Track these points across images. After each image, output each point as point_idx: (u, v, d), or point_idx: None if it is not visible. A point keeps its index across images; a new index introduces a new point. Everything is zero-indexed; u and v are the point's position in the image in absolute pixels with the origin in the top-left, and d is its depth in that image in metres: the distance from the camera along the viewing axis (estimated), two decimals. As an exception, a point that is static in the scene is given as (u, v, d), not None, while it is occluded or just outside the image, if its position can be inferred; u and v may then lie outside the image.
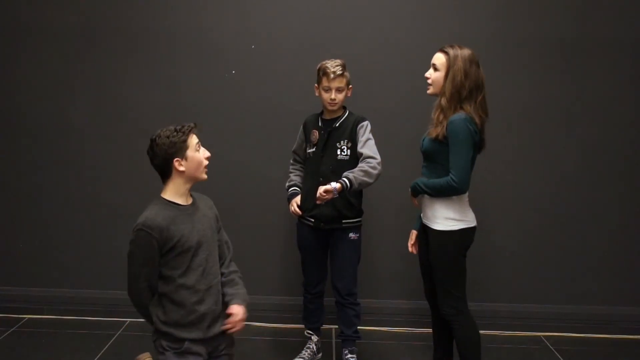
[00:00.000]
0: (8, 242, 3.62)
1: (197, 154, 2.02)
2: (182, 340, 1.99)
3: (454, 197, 2.51)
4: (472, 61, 2.49)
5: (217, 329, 2.06)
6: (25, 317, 3.59)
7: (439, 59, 2.54)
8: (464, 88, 2.47)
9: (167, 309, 2.00)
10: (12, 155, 3.58)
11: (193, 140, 2.01)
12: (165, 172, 2.02)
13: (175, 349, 1.99)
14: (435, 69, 2.55)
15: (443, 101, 2.50)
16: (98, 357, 3.10)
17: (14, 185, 3.59)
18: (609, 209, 3.46)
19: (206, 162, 2.05)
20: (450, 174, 2.46)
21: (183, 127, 2.00)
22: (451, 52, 2.50)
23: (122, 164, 3.53)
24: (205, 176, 2.07)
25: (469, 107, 2.48)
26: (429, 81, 2.58)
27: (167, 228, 1.96)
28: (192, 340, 2.00)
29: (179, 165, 1.98)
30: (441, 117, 2.49)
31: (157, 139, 1.99)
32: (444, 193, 2.49)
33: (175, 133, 1.98)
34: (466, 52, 2.50)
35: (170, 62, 3.48)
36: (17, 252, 3.62)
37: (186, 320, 1.99)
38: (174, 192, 2.03)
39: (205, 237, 2.05)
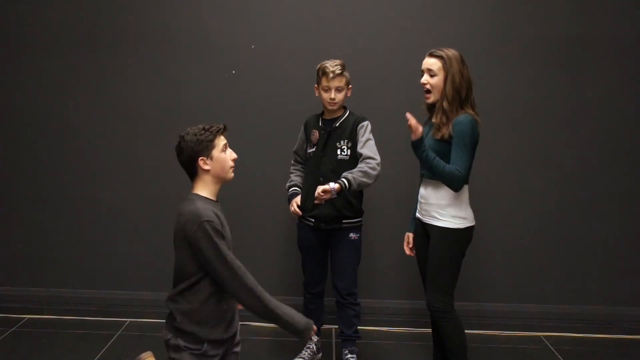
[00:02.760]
0: (8, 242, 3.62)
1: (223, 154, 2.02)
2: (202, 342, 1.98)
3: (461, 195, 2.54)
4: (463, 61, 2.54)
5: (234, 328, 2.06)
6: (25, 317, 3.59)
7: (434, 64, 2.54)
8: (463, 89, 2.50)
9: (194, 305, 1.98)
10: (11, 155, 3.58)
11: (220, 141, 2.02)
12: (190, 170, 2.03)
13: (193, 350, 1.98)
14: (432, 75, 2.54)
15: (445, 104, 2.51)
16: (98, 357, 3.10)
17: (13, 185, 3.59)
18: (609, 209, 3.45)
19: (232, 164, 2.06)
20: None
21: (212, 127, 2.01)
22: (444, 55, 2.52)
23: (122, 164, 3.53)
24: (231, 176, 2.07)
25: (469, 108, 2.52)
26: (428, 87, 2.57)
27: (220, 221, 1.97)
28: (212, 342, 1.99)
29: (204, 164, 1.99)
30: (444, 119, 2.51)
31: (185, 135, 2.00)
32: (444, 177, 2.48)
33: (203, 132, 1.99)
34: (455, 52, 2.54)
35: (170, 62, 3.48)
36: (17, 252, 3.62)
37: (213, 318, 1.99)
38: (205, 189, 2.03)
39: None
